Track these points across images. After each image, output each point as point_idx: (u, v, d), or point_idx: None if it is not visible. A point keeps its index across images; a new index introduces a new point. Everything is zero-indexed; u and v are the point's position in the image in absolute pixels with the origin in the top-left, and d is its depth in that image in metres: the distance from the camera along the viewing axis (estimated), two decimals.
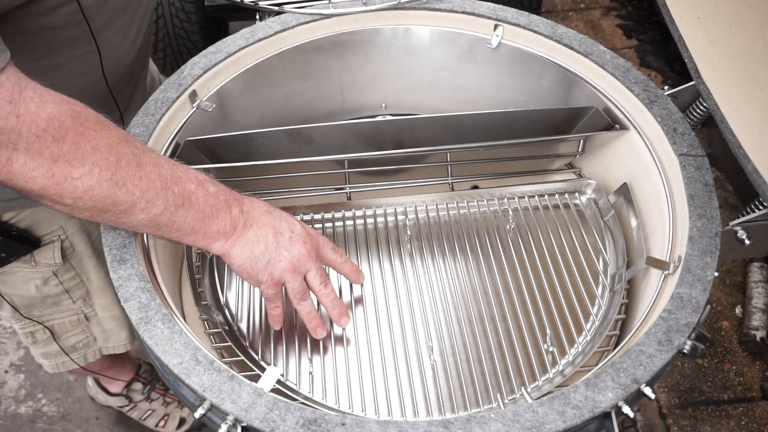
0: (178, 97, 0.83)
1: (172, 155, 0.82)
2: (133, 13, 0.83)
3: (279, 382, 0.69)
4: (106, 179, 0.61)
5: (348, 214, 0.93)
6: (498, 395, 0.74)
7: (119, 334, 1.16)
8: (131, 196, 0.62)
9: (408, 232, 0.91)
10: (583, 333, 0.79)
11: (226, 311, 0.83)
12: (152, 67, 1.08)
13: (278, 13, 0.93)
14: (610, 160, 0.91)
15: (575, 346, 0.79)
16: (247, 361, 0.75)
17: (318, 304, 0.79)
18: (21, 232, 0.90)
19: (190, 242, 0.69)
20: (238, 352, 0.76)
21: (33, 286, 0.98)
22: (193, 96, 0.85)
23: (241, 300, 0.84)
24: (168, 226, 0.66)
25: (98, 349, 1.18)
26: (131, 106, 0.92)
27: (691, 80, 0.78)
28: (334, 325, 0.80)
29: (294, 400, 0.63)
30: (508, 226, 0.91)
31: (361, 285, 0.84)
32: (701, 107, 0.85)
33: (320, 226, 0.92)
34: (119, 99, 0.88)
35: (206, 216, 0.67)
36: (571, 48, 0.89)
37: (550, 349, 0.78)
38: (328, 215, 0.93)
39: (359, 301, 0.84)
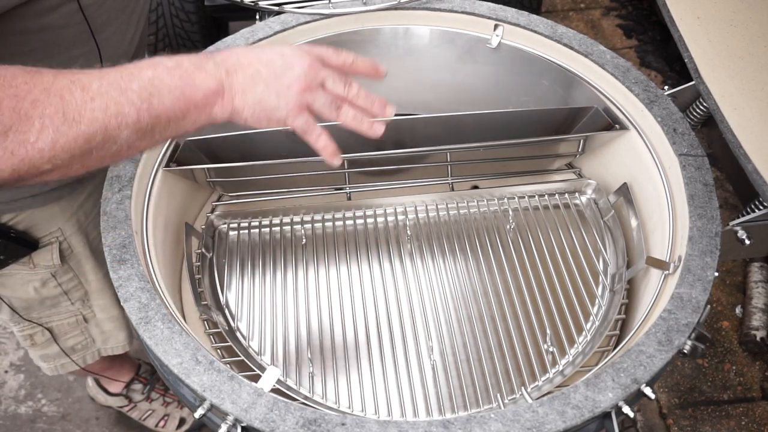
0: None
1: (172, 155, 0.82)
2: (131, 13, 0.83)
3: (279, 382, 0.69)
4: (61, 123, 0.55)
5: (348, 214, 0.93)
6: (498, 395, 0.74)
7: (118, 335, 1.16)
8: (95, 122, 0.56)
9: (408, 232, 0.91)
10: (583, 333, 0.79)
11: (226, 311, 0.83)
12: None
13: (278, 13, 0.92)
14: (610, 160, 0.91)
15: (575, 346, 0.79)
16: (247, 361, 0.75)
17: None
18: (19, 234, 0.90)
19: (192, 126, 0.63)
20: (238, 352, 0.76)
21: (32, 288, 0.98)
22: None
23: (241, 300, 0.84)
24: (157, 124, 0.60)
25: (97, 350, 1.17)
26: None
27: (691, 80, 0.78)
28: (334, 326, 0.80)
29: (294, 400, 0.62)
30: (508, 226, 0.91)
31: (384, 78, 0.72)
32: (701, 107, 0.85)
33: (320, 226, 0.92)
34: None
35: (183, 88, 0.60)
36: (571, 48, 0.89)
37: (550, 349, 0.78)
38: (328, 215, 0.93)
39: (359, 301, 0.84)
